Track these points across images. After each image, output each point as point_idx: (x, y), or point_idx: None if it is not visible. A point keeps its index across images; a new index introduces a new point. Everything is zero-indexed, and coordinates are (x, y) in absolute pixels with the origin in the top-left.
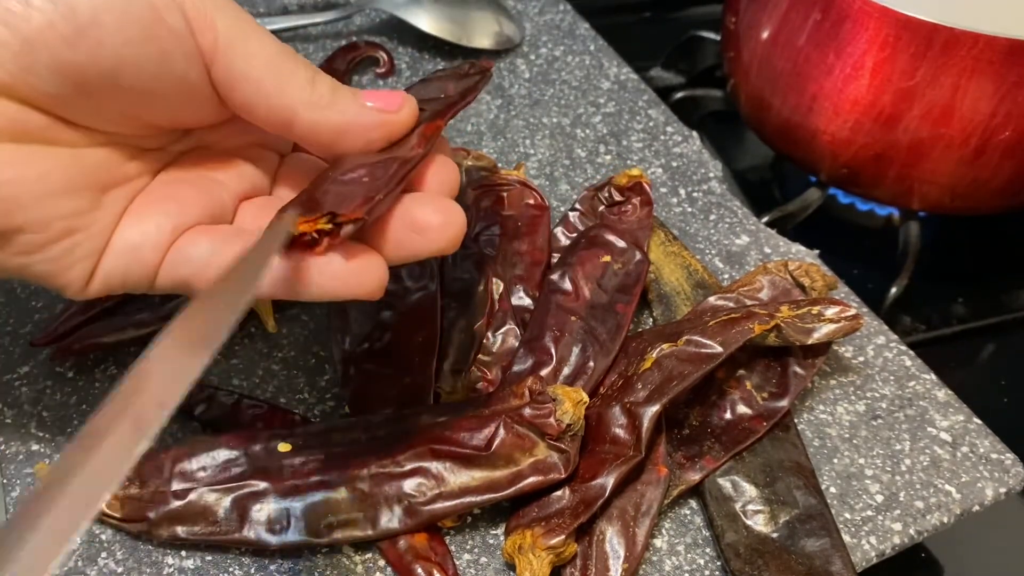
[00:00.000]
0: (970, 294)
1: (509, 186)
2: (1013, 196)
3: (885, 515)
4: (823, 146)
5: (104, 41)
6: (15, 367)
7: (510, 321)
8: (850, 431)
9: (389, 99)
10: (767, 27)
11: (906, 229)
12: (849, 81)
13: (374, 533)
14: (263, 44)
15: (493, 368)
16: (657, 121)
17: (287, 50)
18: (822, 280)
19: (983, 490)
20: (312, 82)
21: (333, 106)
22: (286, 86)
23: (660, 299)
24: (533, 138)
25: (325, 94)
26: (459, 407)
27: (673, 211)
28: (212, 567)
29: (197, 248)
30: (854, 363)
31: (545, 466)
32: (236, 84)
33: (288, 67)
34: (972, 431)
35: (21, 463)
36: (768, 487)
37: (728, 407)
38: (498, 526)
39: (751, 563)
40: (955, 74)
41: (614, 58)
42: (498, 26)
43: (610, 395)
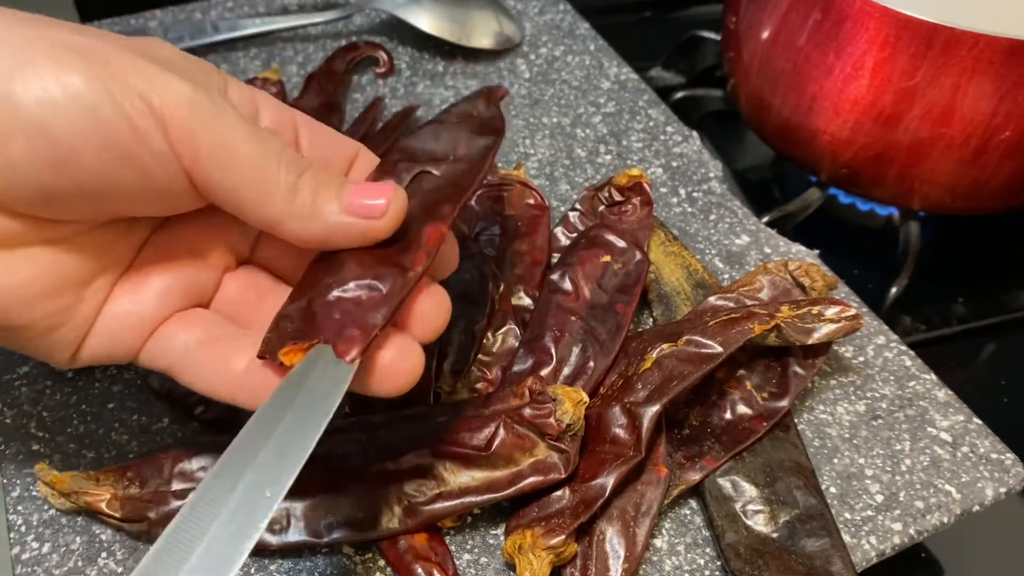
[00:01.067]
0: (970, 294)
1: (509, 186)
2: (1013, 196)
3: (885, 515)
4: (823, 146)
5: (85, 166)
6: (15, 367)
7: (510, 321)
8: (850, 431)
9: (374, 202)
10: (767, 27)
11: (906, 229)
12: (849, 81)
13: (374, 533)
14: (245, 155)
15: (493, 368)
16: (657, 121)
17: (269, 156)
18: (822, 280)
19: (983, 490)
20: (294, 191)
21: (314, 216)
22: (266, 199)
23: (660, 299)
24: (533, 138)
25: (307, 203)
26: (459, 407)
27: (673, 211)
28: None
29: (174, 342)
30: (854, 363)
31: (545, 466)
32: (218, 194)
33: (269, 178)
34: (972, 431)
35: (21, 463)
36: (768, 487)
37: (728, 407)
38: (498, 526)
39: (751, 563)
40: (955, 74)
41: (614, 58)
42: (498, 26)
43: (610, 395)
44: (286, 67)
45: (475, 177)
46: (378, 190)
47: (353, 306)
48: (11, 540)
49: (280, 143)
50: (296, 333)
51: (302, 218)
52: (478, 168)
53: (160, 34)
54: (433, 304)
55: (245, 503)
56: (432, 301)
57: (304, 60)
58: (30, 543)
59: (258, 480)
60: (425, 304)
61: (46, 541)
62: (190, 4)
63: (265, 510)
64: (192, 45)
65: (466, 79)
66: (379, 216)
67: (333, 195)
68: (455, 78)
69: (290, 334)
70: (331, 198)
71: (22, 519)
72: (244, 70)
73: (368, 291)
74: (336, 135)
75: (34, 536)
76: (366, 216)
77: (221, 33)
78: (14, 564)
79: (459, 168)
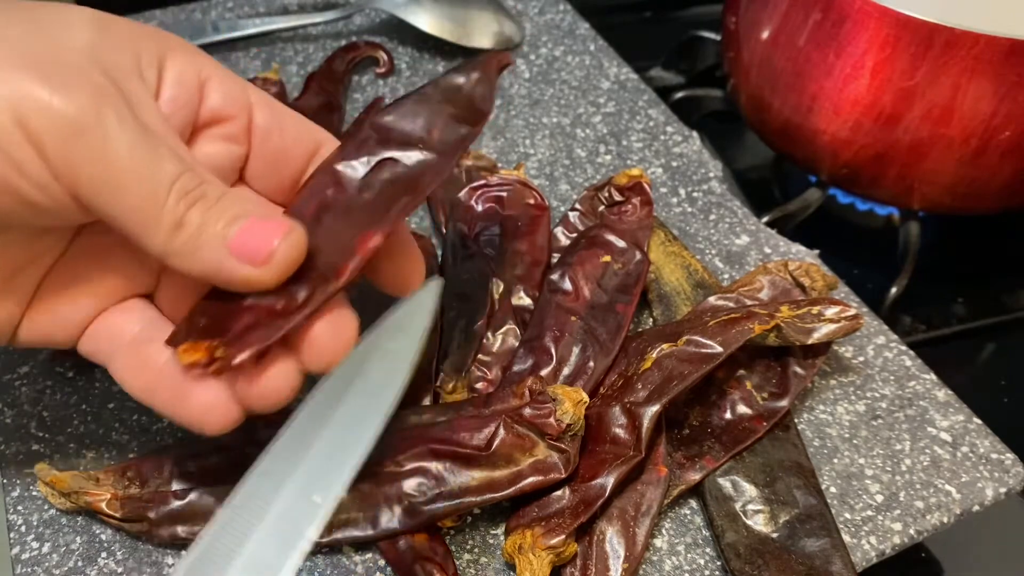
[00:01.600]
0: (970, 294)
1: (509, 186)
2: (1013, 196)
3: (885, 515)
4: (823, 146)
5: None
6: (15, 367)
7: (510, 321)
8: (850, 431)
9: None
10: (767, 27)
11: (906, 229)
12: (849, 81)
13: (374, 533)
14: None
15: (493, 368)
16: (657, 121)
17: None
18: (822, 280)
19: (983, 490)
20: (178, 225)
21: (195, 256)
22: (148, 234)
23: (660, 299)
24: (533, 138)
25: (189, 240)
26: (459, 407)
27: (673, 211)
28: None
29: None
30: (854, 363)
31: (545, 466)
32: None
33: (152, 214)
34: (972, 431)
35: (21, 463)
36: (768, 487)
37: (728, 407)
38: (498, 526)
39: (751, 563)
40: (955, 74)
41: (614, 58)
42: (498, 26)
43: (610, 395)
44: (286, 67)
45: (438, 174)
46: (268, 230)
47: (265, 313)
48: (11, 540)
49: (177, 167)
50: (203, 330)
51: (183, 255)
52: (445, 162)
53: None
54: (329, 331)
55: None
56: (329, 328)
57: (304, 60)
58: (30, 543)
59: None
60: (321, 330)
61: (46, 541)
62: (190, 4)
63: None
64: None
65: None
66: (261, 263)
67: (219, 233)
68: None
69: (197, 330)
70: (216, 237)
71: (22, 519)
72: (244, 70)
73: (285, 299)
74: (299, 121)
75: (34, 536)
76: (248, 261)
77: (221, 33)
78: (14, 564)
79: (425, 159)
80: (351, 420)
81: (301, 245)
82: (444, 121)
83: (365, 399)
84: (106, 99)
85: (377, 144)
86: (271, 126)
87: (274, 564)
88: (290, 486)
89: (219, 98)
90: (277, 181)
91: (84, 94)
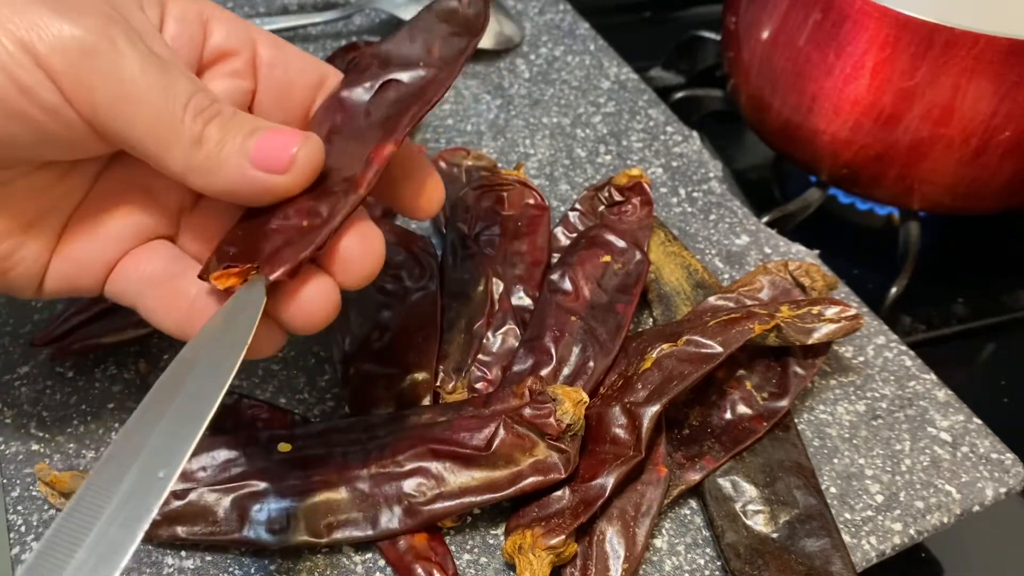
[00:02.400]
0: (970, 294)
1: (509, 186)
2: (1013, 196)
3: (885, 515)
4: (823, 146)
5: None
6: (15, 367)
7: (510, 321)
8: (850, 431)
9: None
10: (767, 27)
11: (906, 229)
12: (849, 81)
13: (374, 533)
14: (147, 105)
15: (493, 368)
16: (657, 121)
17: (175, 105)
18: (822, 280)
19: (983, 490)
20: (198, 143)
21: (217, 171)
22: (169, 151)
23: (660, 299)
24: (533, 138)
25: (210, 156)
26: (459, 407)
27: (673, 211)
28: (212, 567)
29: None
30: (854, 363)
31: (545, 466)
32: (122, 144)
33: (172, 130)
34: (972, 431)
35: (21, 463)
36: (768, 487)
37: (728, 407)
38: (498, 526)
39: (751, 563)
40: (955, 74)
41: (614, 58)
42: (498, 26)
43: (610, 395)
44: None
45: (441, 86)
46: (286, 139)
47: (294, 232)
48: (11, 540)
49: (190, 87)
50: (234, 257)
51: (205, 172)
52: (447, 75)
53: None
54: (358, 243)
55: (138, 487)
56: (357, 240)
57: None
58: (30, 543)
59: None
60: (350, 243)
61: None
62: None
63: (159, 492)
64: None
65: (466, 79)
66: (283, 171)
67: (239, 146)
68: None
69: (228, 257)
70: (236, 150)
71: (22, 519)
72: None
73: (309, 217)
74: (302, 56)
75: (34, 536)
76: (270, 170)
77: None
78: (14, 564)
79: (428, 75)
80: (191, 399)
81: (319, 150)
82: (443, 37)
83: (203, 380)
84: (114, 23)
85: (379, 68)
86: (275, 60)
87: (122, 541)
88: (136, 466)
89: (223, 35)
90: (285, 114)
91: (93, 18)
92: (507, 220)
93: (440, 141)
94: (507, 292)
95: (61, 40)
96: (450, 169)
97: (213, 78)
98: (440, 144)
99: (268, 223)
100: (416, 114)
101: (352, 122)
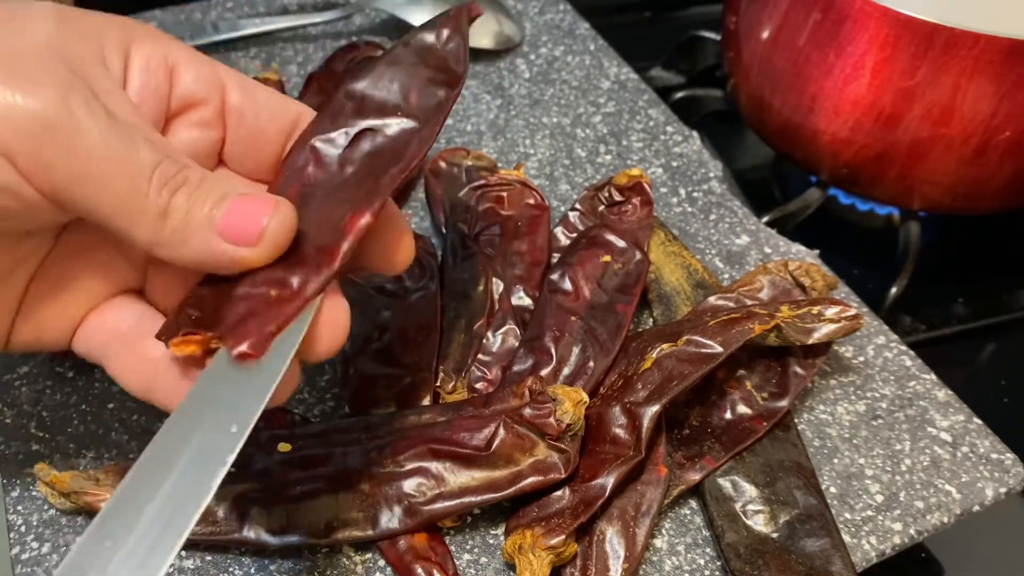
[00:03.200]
0: (970, 294)
1: (509, 186)
2: (1013, 196)
3: (885, 515)
4: (823, 146)
5: None
6: (15, 367)
7: (510, 321)
8: (850, 431)
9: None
10: (767, 27)
11: (906, 229)
12: (849, 81)
13: (374, 533)
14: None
15: (493, 368)
16: (657, 121)
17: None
18: (822, 280)
19: (983, 490)
20: (163, 217)
21: (184, 244)
22: (134, 227)
23: (660, 299)
24: (533, 138)
25: (177, 230)
26: (459, 407)
27: (673, 211)
28: (212, 567)
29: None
30: (854, 363)
31: (545, 466)
32: (85, 216)
33: (136, 206)
34: (972, 431)
35: (21, 463)
36: (768, 487)
37: (728, 407)
38: (498, 526)
39: (751, 563)
40: (955, 74)
41: (614, 58)
42: (498, 26)
43: (610, 395)
44: (286, 67)
45: (422, 147)
46: (256, 209)
47: (260, 301)
48: (11, 540)
49: (154, 156)
50: (196, 322)
51: (171, 245)
52: (428, 133)
53: None
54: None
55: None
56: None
57: (304, 60)
58: (30, 543)
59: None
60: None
61: (46, 541)
62: (190, 4)
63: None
64: (192, 45)
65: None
66: (251, 244)
67: (206, 217)
68: None
69: (190, 322)
70: (203, 222)
71: (22, 519)
72: (244, 70)
73: (278, 287)
74: (273, 98)
75: (34, 536)
76: (238, 242)
77: (221, 33)
78: (14, 564)
79: (406, 129)
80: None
81: (291, 220)
82: (420, 84)
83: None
84: (72, 90)
85: (353, 114)
86: (245, 105)
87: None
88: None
89: (189, 82)
90: (257, 161)
91: (49, 88)
92: (507, 220)
93: (440, 141)
94: (507, 292)
95: (15, 115)
96: (450, 169)
97: (181, 128)
98: (440, 144)
99: (235, 287)
100: (395, 178)
101: (326, 177)
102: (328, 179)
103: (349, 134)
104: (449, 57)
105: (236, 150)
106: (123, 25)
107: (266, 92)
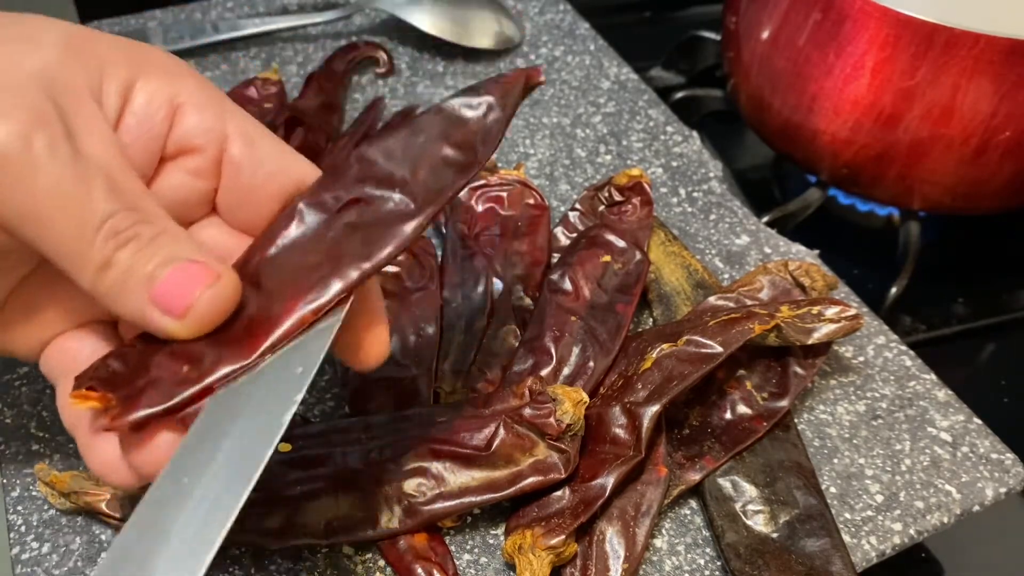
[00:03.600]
0: (970, 294)
1: (509, 186)
2: (1013, 196)
3: (885, 515)
4: (823, 146)
5: None
6: (15, 367)
7: (510, 321)
8: (850, 431)
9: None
10: (767, 27)
11: (906, 229)
12: (849, 81)
13: (374, 533)
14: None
15: (493, 368)
16: (657, 121)
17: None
18: (822, 280)
19: (983, 490)
20: (104, 269)
21: (119, 300)
22: (77, 272)
23: (660, 299)
24: (533, 138)
25: (115, 284)
26: (459, 407)
27: (673, 211)
28: (212, 567)
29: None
30: (854, 363)
31: (545, 466)
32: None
33: (79, 251)
34: (972, 431)
35: (21, 463)
36: (768, 487)
37: (728, 407)
38: (498, 526)
39: (751, 563)
40: (955, 74)
41: (614, 58)
42: (498, 26)
43: (610, 395)
44: (286, 67)
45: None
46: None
47: (169, 375)
48: (11, 540)
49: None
50: (106, 379)
51: (109, 296)
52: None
53: (160, 34)
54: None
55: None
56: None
57: (304, 60)
58: (30, 543)
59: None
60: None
61: (46, 541)
62: (190, 4)
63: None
64: (192, 45)
65: (466, 79)
66: (177, 316)
67: (144, 278)
68: (455, 78)
69: (102, 377)
70: (140, 283)
71: (22, 519)
72: (244, 70)
73: (191, 363)
74: (281, 154)
75: (34, 536)
76: (165, 311)
77: (221, 33)
78: (14, 564)
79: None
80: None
81: (225, 298)
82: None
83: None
84: (41, 126)
85: (355, 179)
86: (245, 160)
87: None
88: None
89: (191, 127)
90: (249, 216)
91: (15, 121)
92: (507, 220)
93: None
94: (507, 292)
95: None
96: None
97: (173, 172)
98: None
99: (160, 349)
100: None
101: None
102: (301, 247)
103: (340, 199)
104: (479, 135)
105: (229, 201)
106: (134, 56)
107: (273, 147)
